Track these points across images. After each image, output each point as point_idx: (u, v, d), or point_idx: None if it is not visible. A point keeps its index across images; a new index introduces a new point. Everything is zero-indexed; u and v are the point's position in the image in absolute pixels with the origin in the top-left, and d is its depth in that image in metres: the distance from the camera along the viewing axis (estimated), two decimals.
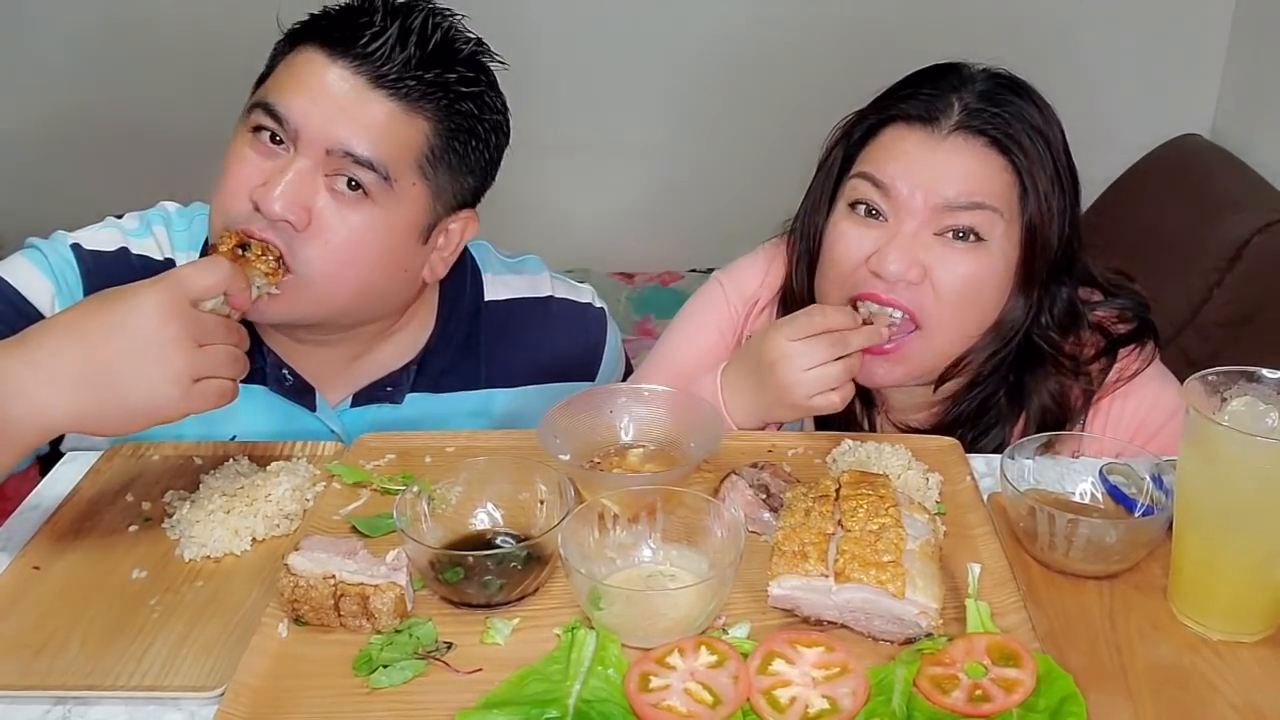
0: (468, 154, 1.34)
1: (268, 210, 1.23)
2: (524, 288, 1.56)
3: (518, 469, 1.15)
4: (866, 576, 0.98)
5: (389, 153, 1.26)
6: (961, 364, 1.38)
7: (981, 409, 1.42)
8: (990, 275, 1.32)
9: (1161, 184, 2.85)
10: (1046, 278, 1.36)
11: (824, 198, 1.42)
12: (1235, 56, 3.15)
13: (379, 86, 1.26)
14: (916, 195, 1.30)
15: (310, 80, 1.26)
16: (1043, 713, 0.90)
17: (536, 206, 3.36)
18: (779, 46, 3.29)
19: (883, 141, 1.36)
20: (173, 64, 3.27)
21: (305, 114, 1.25)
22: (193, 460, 1.31)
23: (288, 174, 1.24)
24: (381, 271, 1.32)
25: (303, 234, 1.25)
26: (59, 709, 0.97)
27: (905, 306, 1.31)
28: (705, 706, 0.92)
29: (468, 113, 1.33)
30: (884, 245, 1.31)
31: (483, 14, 1.40)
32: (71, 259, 1.38)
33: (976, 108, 1.32)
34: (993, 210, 1.30)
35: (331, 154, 1.25)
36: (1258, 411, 1.01)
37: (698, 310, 1.59)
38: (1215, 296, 2.49)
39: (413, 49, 1.27)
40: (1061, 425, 1.39)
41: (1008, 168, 1.31)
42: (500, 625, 1.02)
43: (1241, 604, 1.03)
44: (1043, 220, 1.32)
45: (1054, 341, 1.38)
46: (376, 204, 1.27)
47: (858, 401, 1.44)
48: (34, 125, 3.41)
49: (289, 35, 1.32)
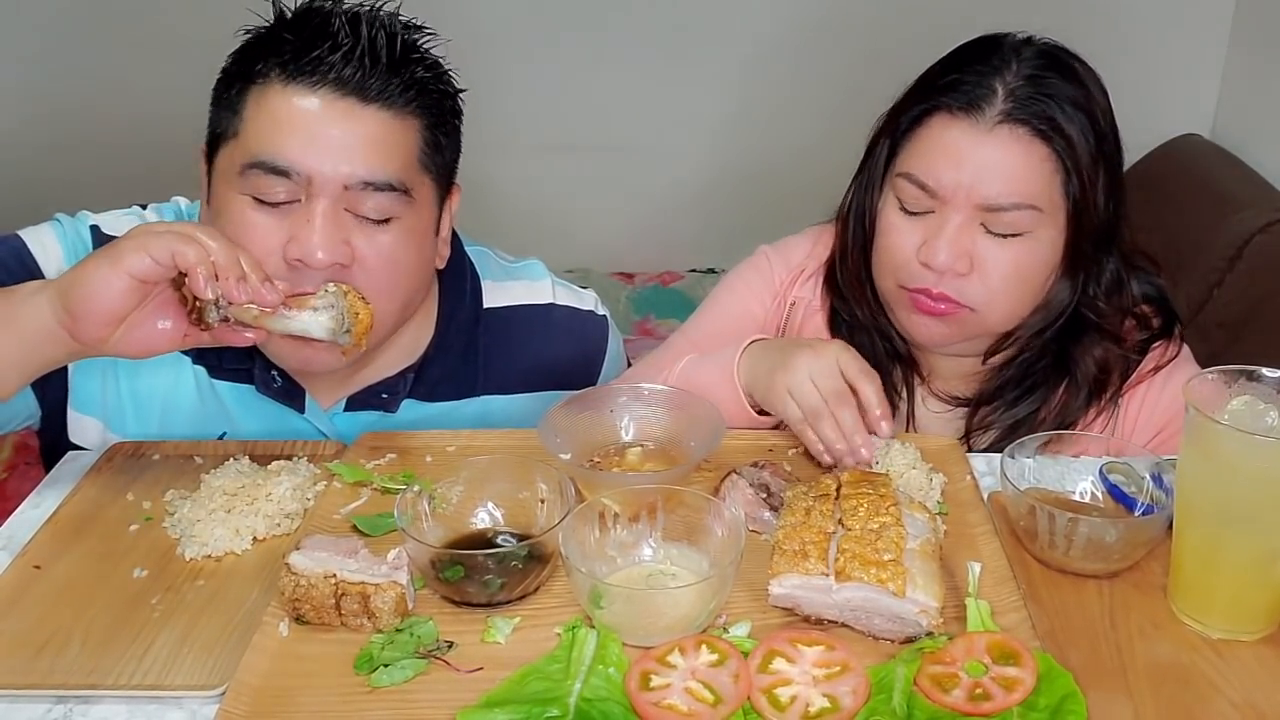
0: (448, 135, 1.34)
1: (314, 261, 1.21)
2: (524, 294, 1.54)
3: (518, 468, 1.15)
4: (867, 575, 0.98)
5: (399, 166, 1.26)
6: (1012, 337, 1.41)
7: (1024, 374, 1.44)
8: (1037, 261, 1.35)
9: (1161, 184, 2.85)
10: (1093, 250, 1.37)
11: (874, 187, 1.43)
12: (1235, 56, 3.15)
13: (369, 103, 1.24)
14: (960, 192, 1.32)
15: (301, 121, 1.22)
16: (1043, 711, 0.91)
17: (536, 206, 3.37)
18: (783, 48, 3.29)
19: (928, 134, 1.36)
20: (161, 58, 3.21)
21: (311, 159, 1.21)
22: (193, 460, 1.31)
23: (315, 222, 1.22)
24: (418, 277, 1.34)
25: (347, 269, 1.24)
26: (60, 708, 0.97)
27: (954, 298, 1.34)
28: (706, 705, 0.92)
29: (441, 96, 1.32)
30: (931, 238, 1.33)
31: (484, 14, 1.40)
32: (88, 238, 1.38)
33: (1021, 95, 1.31)
34: (1035, 209, 1.31)
35: (350, 188, 1.23)
36: (1257, 411, 1.02)
37: (742, 274, 1.60)
38: (1215, 296, 2.49)
39: (381, 55, 1.24)
40: (1104, 393, 1.42)
41: (1050, 156, 1.31)
42: (501, 624, 1.02)
43: (1241, 602, 1.03)
44: (1087, 201, 1.33)
45: (1101, 310, 1.40)
46: (402, 218, 1.27)
47: (899, 367, 1.48)
48: (15, 121, 3.38)
49: (236, 76, 1.26)
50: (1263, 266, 2.43)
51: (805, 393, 1.25)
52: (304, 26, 1.25)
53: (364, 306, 1.21)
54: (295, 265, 1.23)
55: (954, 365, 1.49)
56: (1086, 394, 1.41)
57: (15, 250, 1.35)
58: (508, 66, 3.20)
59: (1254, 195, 2.62)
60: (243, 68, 1.26)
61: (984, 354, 1.44)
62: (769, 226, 1.67)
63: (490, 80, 3.14)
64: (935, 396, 1.51)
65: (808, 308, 1.54)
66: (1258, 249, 2.44)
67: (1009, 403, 1.44)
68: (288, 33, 1.25)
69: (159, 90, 3.06)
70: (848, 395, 1.24)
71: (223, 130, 1.27)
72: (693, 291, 3.29)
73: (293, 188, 1.22)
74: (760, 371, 1.32)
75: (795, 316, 1.54)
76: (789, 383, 1.26)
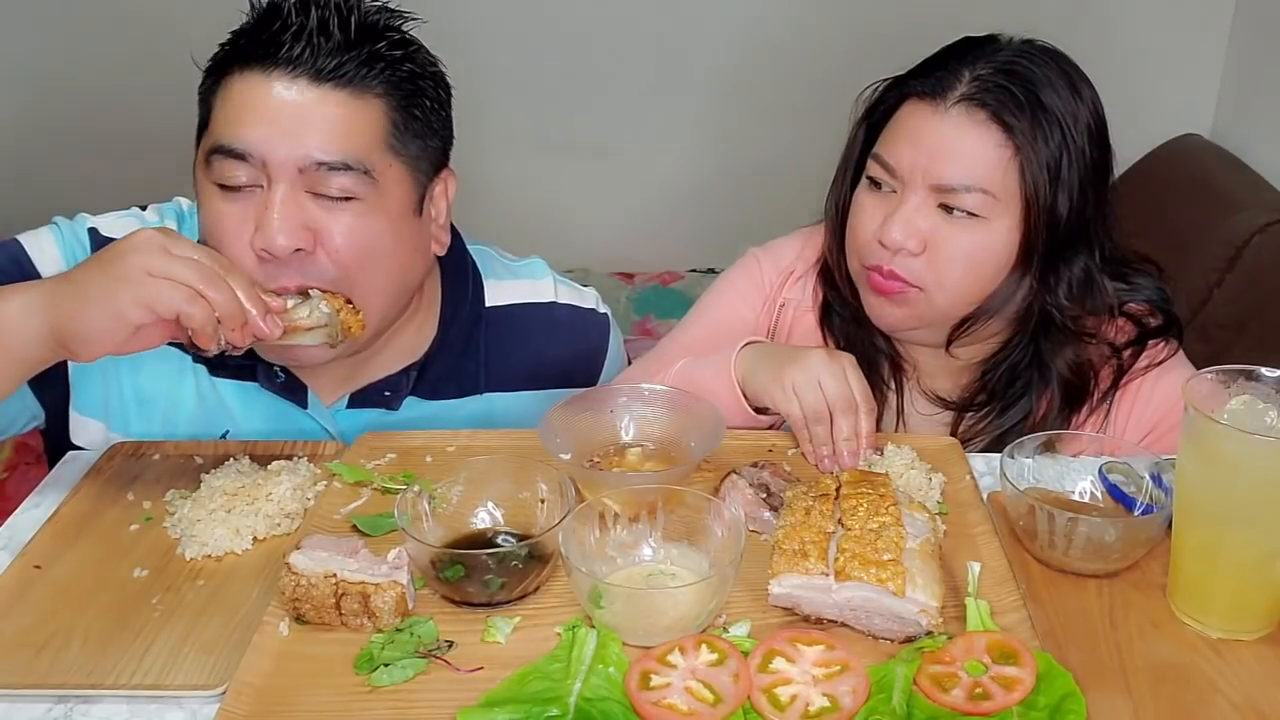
0: (426, 116, 1.33)
1: (275, 248, 1.21)
2: (526, 292, 1.54)
3: (518, 468, 1.15)
4: (867, 575, 0.98)
5: (358, 147, 1.25)
6: (967, 328, 1.40)
7: (1010, 378, 1.44)
8: (989, 249, 1.35)
9: (1161, 184, 2.85)
10: (1056, 250, 1.36)
11: (849, 173, 1.45)
12: (1235, 56, 3.15)
13: (322, 81, 1.23)
14: (917, 172, 1.33)
15: (255, 104, 1.23)
16: (1042, 711, 0.91)
17: (537, 206, 3.37)
18: (781, 50, 3.29)
19: (898, 118, 1.38)
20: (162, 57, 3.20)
21: (265, 140, 1.22)
22: (194, 459, 1.31)
23: (275, 208, 1.22)
24: (400, 261, 1.32)
25: (313, 255, 1.24)
26: (60, 708, 0.97)
27: (903, 276, 1.35)
28: (706, 705, 0.92)
29: (411, 75, 1.31)
30: (889, 216, 1.35)
31: (484, 14, 1.40)
32: (86, 242, 1.38)
33: (986, 80, 1.32)
34: (987, 194, 1.32)
35: (305, 171, 1.23)
36: (1257, 410, 1.02)
37: (731, 277, 1.61)
38: (1215, 296, 2.49)
39: (335, 32, 1.24)
40: (1083, 397, 1.42)
41: (1006, 143, 1.31)
42: (501, 624, 1.02)
43: (1241, 602, 1.03)
44: (1041, 196, 1.33)
45: (1067, 311, 1.39)
46: (365, 200, 1.26)
47: (886, 364, 1.49)
48: (12, 118, 3.38)
49: (209, 72, 1.29)
50: (1262, 266, 2.43)
51: (810, 392, 1.26)
52: (262, 17, 1.26)
53: (356, 320, 1.23)
54: (264, 258, 1.23)
55: (931, 360, 1.49)
56: (1064, 396, 1.41)
57: (14, 256, 1.35)
58: (508, 67, 3.20)
59: (1254, 195, 2.62)
60: (215, 63, 1.29)
61: (945, 344, 1.43)
62: (769, 226, 1.67)
63: (490, 80, 3.16)
64: (923, 396, 1.51)
65: (797, 309, 1.54)
66: (1257, 249, 2.44)
67: (998, 410, 1.44)
68: (251, 25, 1.27)
69: (160, 89, 3.04)
70: (852, 403, 1.26)
71: (202, 123, 1.29)
72: (693, 291, 3.28)
73: (252, 172, 1.23)
74: (762, 368, 1.32)
75: (785, 318, 1.55)
76: (796, 379, 1.27)
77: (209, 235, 1.27)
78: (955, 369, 1.48)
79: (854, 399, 1.26)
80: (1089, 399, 1.43)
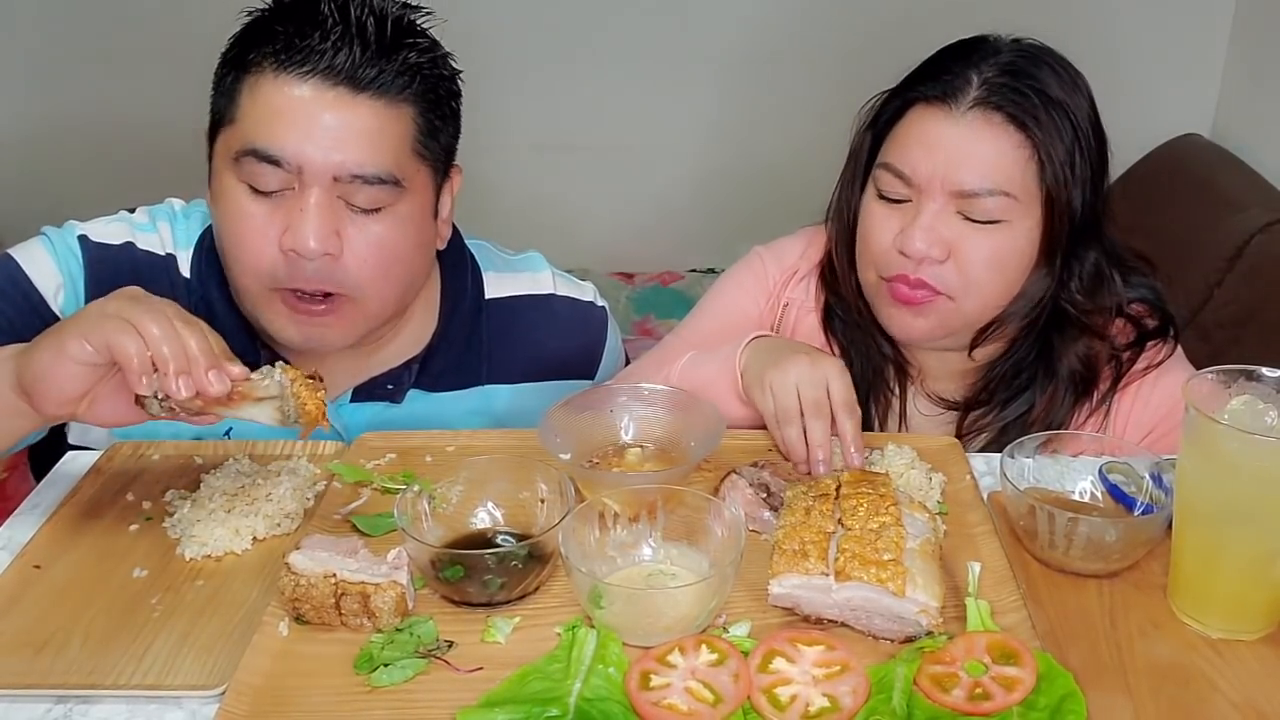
0: (446, 119, 1.34)
1: (306, 250, 1.23)
2: (525, 285, 1.55)
3: (518, 468, 1.15)
4: (867, 575, 0.98)
5: (391, 157, 1.26)
6: (992, 330, 1.41)
7: (1014, 373, 1.44)
8: (1013, 251, 1.35)
9: (1161, 184, 2.85)
10: (1071, 245, 1.37)
11: (856, 180, 1.44)
12: (1235, 56, 3.15)
13: (360, 91, 1.24)
14: (935, 180, 1.33)
15: (292, 110, 1.22)
16: (1043, 711, 0.91)
17: (537, 206, 3.37)
18: (781, 50, 3.29)
19: (905, 124, 1.37)
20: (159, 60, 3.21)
21: (302, 148, 1.22)
22: (193, 459, 1.31)
23: (309, 211, 1.23)
24: (415, 262, 1.34)
25: (339, 260, 1.25)
26: (60, 708, 0.97)
27: (932, 284, 1.34)
28: (706, 705, 0.92)
29: (437, 80, 1.31)
30: (908, 226, 1.34)
31: (485, 14, 1.40)
32: (77, 249, 1.38)
33: (996, 83, 1.32)
34: (1009, 196, 1.32)
35: (339, 180, 1.24)
36: (1257, 410, 1.01)
37: (736, 275, 1.61)
38: (1215, 296, 2.49)
39: (371, 40, 1.24)
40: (1090, 390, 1.42)
41: (1025, 144, 1.32)
42: (501, 624, 1.02)
43: (1241, 602, 1.03)
44: (1061, 192, 1.34)
45: (1080, 305, 1.40)
46: (395, 206, 1.28)
47: (890, 368, 1.48)
48: (18, 124, 3.38)
49: (230, 63, 1.27)
50: (1262, 266, 2.43)
51: (785, 393, 1.26)
52: (295, 14, 1.25)
53: (311, 395, 1.11)
54: (290, 255, 1.24)
55: (942, 363, 1.49)
56: (1072, 391, 1.42)
57: (8, 270, 1.35)
58: (508, 66, 3.20)
59: (1254, 195, 2.62)
60: (238, 56, 1.27)
61: (968, 347, 1.43)
62: (769, 226, 1.66)
63: (490, 80, 3.15)
64: (926, 397, 1.51)
65: (801, 308, 1.54)
66: (1257, 249, 2.44)
67: (999, 405, 1.44)
68: (280, 21, 1.25)
69: (156, 93, 3.06)
70: (825, 409, 1.25)
71: (221, 115, 1.29)
72: (693, 291, 3.29)
73: (285, 177, 1.24)
74: (756, 363, 1.32)
75: (789, 317, 1.55)
76: (774, 379, 1.27)
77: (230, 230, 1.27)
78: (961, 370, 1.48)
79: (826, 404, 1.25)
80: (1089, 398, 1.43)
